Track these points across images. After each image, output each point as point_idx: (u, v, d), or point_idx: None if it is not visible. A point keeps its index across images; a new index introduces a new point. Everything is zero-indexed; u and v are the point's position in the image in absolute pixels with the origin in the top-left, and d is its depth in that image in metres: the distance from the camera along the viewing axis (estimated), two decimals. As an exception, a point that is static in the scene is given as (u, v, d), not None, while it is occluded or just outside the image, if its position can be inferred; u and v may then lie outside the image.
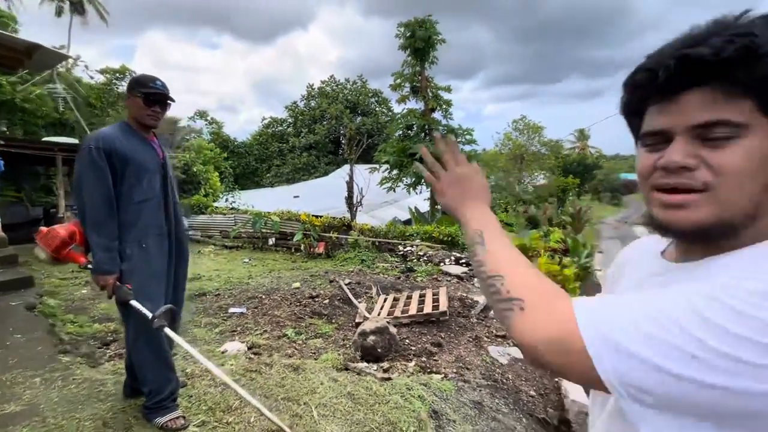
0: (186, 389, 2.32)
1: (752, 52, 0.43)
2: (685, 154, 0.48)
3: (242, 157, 33.93)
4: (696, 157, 0.47)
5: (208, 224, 11.66)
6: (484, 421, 2.40)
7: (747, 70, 0.44)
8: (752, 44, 0.43)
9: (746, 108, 0.45)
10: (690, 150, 0.48)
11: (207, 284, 5.80)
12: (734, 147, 0.46)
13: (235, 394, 2.12)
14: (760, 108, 0.45)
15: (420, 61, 13.20)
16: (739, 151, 0.45)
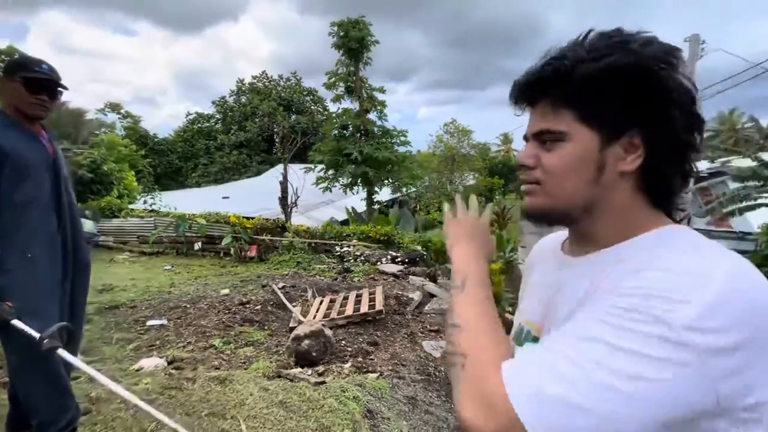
0: (90, 416, 2.05)
1: (560, 73, 0.52)
2: (527, 156, 0.58)
3: (164, 155, 31.10)
4: (534, 158, 0.57)
5: (123, 229, 10.50)
6: (418, 415, 2.47)
7: (559, 87, 0.53)
8: (561, 66, 0.52)
9: (567, 118, 0.54)
10: (533, 152, 0.58)
11: (120, 295, 5.21)
12: (557, 150, 0.55)
13: (150, 417, 1.92)
14: (579, 117, 0.53)
15: (354, 61, 13.21)
16: (559, 154, 0.54)
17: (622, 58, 0.50)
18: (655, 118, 0.51)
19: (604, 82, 0.51)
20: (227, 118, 33.63)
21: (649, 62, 0.50)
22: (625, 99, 0.51)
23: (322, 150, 13.61)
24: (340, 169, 13.49)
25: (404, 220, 12.72)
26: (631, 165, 0.53)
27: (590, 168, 0.53)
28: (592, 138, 0.53)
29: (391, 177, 13.92)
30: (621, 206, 0.55)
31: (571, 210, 0.56)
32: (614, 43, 0.51)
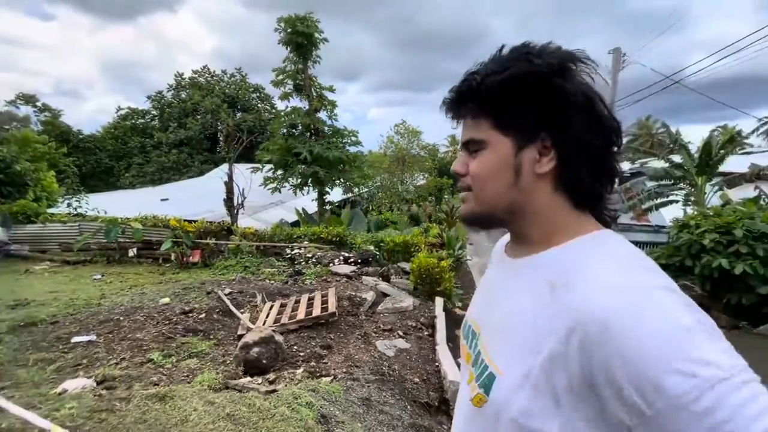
0: (0, 451, 1.79)
1: (473, 87, 0.57)
2: (459, 164, 0.63)
3: (91, 153, 28.30)
4: (464, 165, 0.61)
5: (41, 236, 9.41)
6: (372, 415, 2.46)
7: (473, 99, 0.58)
8: (473, 81, 0.57)
9: (485, 126, 0.58)
10: (463, 160, 0.62)
11: (38, 310, 4.64)
12: (479, 157, 0.59)
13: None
14: (494, 125, 0.57)
15: (302, 59, 12.91)
16: (480, 160, 0.59)
17: (520, 67, 0.54)
18: (558, 122, 0.54)
19: (508, 91, 0.55)
20: (165, 114, 31.36)
21: (543, 69, 0.54)
22: (530, 105, 0.55)
23: (270, 149, 13.14)
24: (289, 169, 13.11)
25: (356, 220, 12.69)
26: (545, 167, 0.56)
27: (508, 172, 0.57)
28: (507, 144, 0.57)
29: (342, 177, 13.80)
30: (543, 207, 0.58)
31: (495, 213, 0.60)
32: (516, 55, 0.56)
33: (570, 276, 0.52)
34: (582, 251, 0.55)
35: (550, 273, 0.55)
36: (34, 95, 28.08)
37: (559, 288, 0.52)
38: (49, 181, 11.97)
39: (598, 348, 0.45)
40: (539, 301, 0.54)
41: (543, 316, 0.52)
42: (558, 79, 0.53)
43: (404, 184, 20.91)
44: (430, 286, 5.49)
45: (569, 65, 0.54)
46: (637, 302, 0.45)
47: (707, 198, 10.21)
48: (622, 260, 0.52)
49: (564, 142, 0.55)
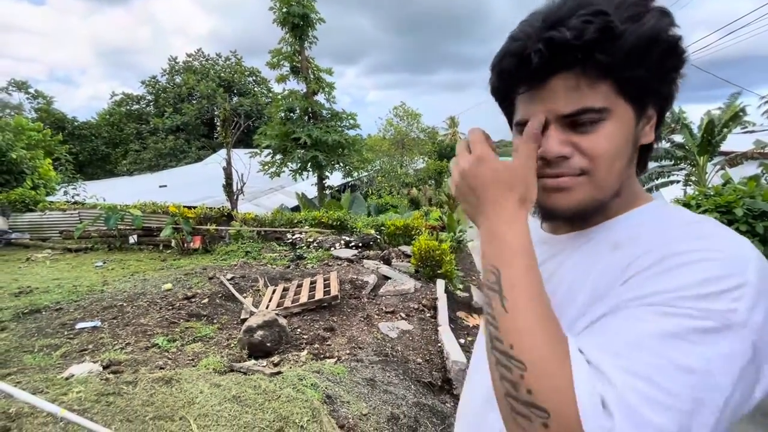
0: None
1: (610, 32, 0.43)
2: (560, 143, 0.48)
3: (87, 141, 28.03)
4: (569, 145, 0.48)
5: (41, 224, 9.40)
6: (377, 395, 2.49)
7: (606, 52, 0.44)
8: (610, 23, 0.43)
9: (606, 91, 0.46)
10: (563, 137, 0.48)
11: (42, 298, 4.66)
12: (600, 131, 0.47)
13: (83, 427, 1.74)
14: (617, 90, 0.46)
15: (299, 40, 12.63)
16: (604, 135, 0.47)
17: (659, 20, 0.45)
18: (670, 83, 0.48)
19: (647, 48, 0.44)
20: (160, 99, 30.93)
21: (674, 24, 0.46)
22: (658, 66, 0.46)
23: (268, 134, 13.00)
24: (288, 153, 13.02)
25: (356, 204, 12.67)
26: (650, 136, 0.50)
27: (631, 147, 0.49)
28: (630, 112, 0.48)
29: (341, 161, 13.71)
30: (629, 181, 0.52)
31: (608, 197, 0.50)
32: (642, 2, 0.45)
33: (635, 233, 0.48)
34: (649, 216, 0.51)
35: (612, 236, 0.51)
36: (26, 82, 27.62)
37: (623, 245, 0.48)
38: (46, 168, 11.87)
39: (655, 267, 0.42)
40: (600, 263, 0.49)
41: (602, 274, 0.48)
42: (675, 28, 0.46)
43: (404, 168, 20.81)
44: (431, 269, 5.51)
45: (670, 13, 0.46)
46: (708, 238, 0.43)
47: (708, 177, 10.17)
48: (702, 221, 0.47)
49: (664, 105, 0.49)
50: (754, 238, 5.83)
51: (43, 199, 10.26)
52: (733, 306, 0.39)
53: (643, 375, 0.38)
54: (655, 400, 0.37)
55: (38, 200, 10.00)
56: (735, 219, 6.11)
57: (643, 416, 0.37)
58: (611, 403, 0.38)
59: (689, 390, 0.37)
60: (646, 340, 0.39)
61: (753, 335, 0.39)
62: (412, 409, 2.41)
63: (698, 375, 0.37)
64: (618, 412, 0.37)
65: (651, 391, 0.37)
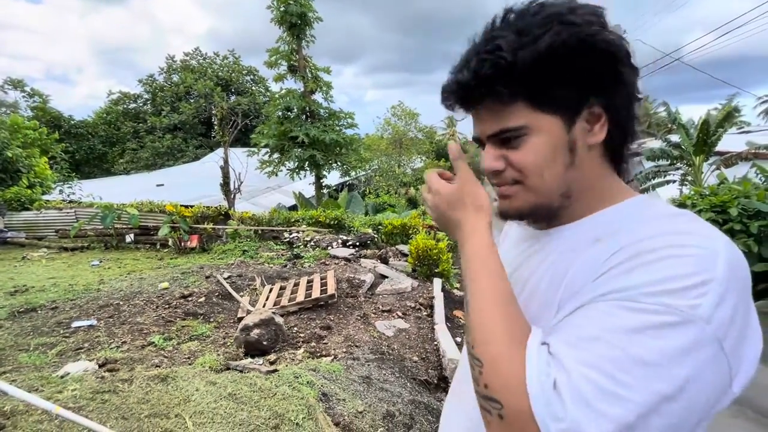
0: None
1: (501, 66, 0.48)
2: (492, 159, 0.54)
3: (84, 140, 27.86)
4: (501, 159, 0.54)
5: (37, 222, 9.36)
6: (373, 393, 2.50)
7: (503, 82, 0.49)
8: (500, 59, 0.48)
9: (521, 110, 0.50)
10: (497, 153, 0.54)
11: (38, 296, 4.65)
12: (525, 146, 0.51)
13: (78, 425, 1.74)
14: (532, 107, 0.50)
15: (296, 38, 12.61)
16: (528, 149, 0.51)
17: (559, 34, 0.47)
18: (609, 82, 0.50)
19: (549, 64, 0.47)
20: (157, 98, 30.77)
21: (586, 30, 0.47)
22: (575, 73, 0.48)
23: (265, 133, 12.98)
24: (285, 152, 13.00)
25: (354, 203, 12.67)
26: (600, 135, 0.51)
27: (564, 153, 0.51)
28: (556, 123, 0.50)
29: (339, 160, 13.70)
30: (594, 179, 0.54)
31: (553, 201, 0.54)
32: (544, 20, 0.48)
33: (616, 228, 0.49)
34: (628, 212, 0.52)
35: (592, 232, 0.52)
36: (22, 80, 27.41)
37: (604, 239, 0.49)
38: (42, 167, 11.80)
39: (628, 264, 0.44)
40: (579, 256, 0.50)
41: (581, 266, 0.49)
42: (602, 34, 0.48)
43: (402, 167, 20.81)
44: (428, 268, 5.53)
45: (603, 17, 0.49)
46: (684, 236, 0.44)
47: (704, 177, 10.22)
48: (679, 214, 0.48)
49: (616, 104, 0.50)
50: (749, 237, 5.86)
51: (39, 198, 10.20)
52: (697, 302, 0.39)
53: (598, 366, 0.39)
54: (608, 391, 0.38)
55: (34, 199, 9.95)
56: (730, 218, 6.15)
57: (596, 406, 0.38)
58: (565, 394, 0.39)
59: (643, 382, 0.38)
60: (606, 333, 0.41)
61: (718, 331, 0.39)
62: (407, 407, 2.42)
63: (653, 368, 0.38)
64: (571, 402, 0.39)
65: (605, 383, 0.39)
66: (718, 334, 0.39)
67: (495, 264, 0.51)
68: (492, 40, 0.49)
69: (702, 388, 0.39)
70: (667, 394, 0.38)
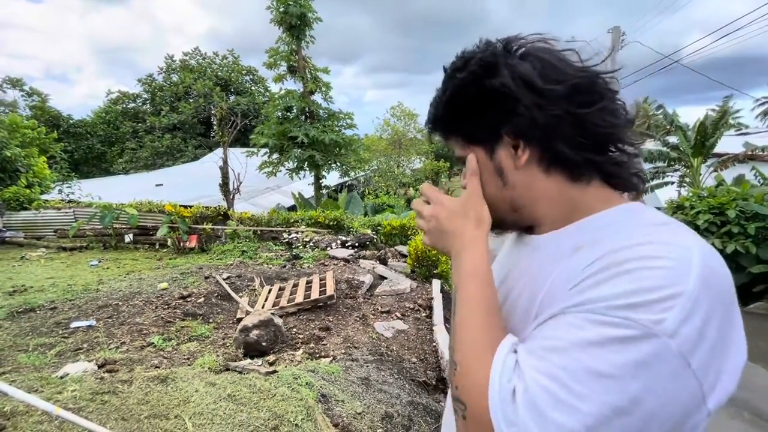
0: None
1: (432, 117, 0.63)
2: (462, 178, 0.64)
3: (83, 139, 27.84)
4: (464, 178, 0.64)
5: (35, 222, 9.35)
6: (372, 394, 2.51)
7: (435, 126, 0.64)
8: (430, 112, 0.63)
9: (458, 143, 0.62)
10: (464, 173, 0.64)
11: (36, 296, 4.65)
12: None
13: (78, 426, 1.75)
14: (463, 141, 0.61)
15: (296, 39, 12.62)
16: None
17: (452, 85, 0.58)
18: (508, 115, 0.54)
19: (454, 110, 0.59)
20: (156, 98, 30.77)
21: (470, 77, 0.56)
22: (478, 113, 0.57)
23: (265, 133, 12.98)
24: (285, 153, 13.00)
25: (353, 204, 12.67)
26: (523, 157, 0.55)
27: (492, 176, 0.59)
28: (481, 152, 0.59)
29: (338, 161, 13.70)
30: (544, 192, 0.56)
31: (501, 214, 0.61)
32: (447, 76, 0.60)
33: (597, 237, 0.50)
34: (611, 221, 0.52)
35: (574, 240, 0.53)
36: (20, 79, 27.36)
37: (584, 248, 0.50)
38: (41, 167, 11.78)
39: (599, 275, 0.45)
40: (560, 266, 0.51)
41: (560, 274, 0.51)
42: (487, 80, 0.55)
43: (401, 168, 20.82)
44: (427, 269, 5.54)
45: (493, 62, 0.55)
46: (660, 247, 0.44)
47: (702, 179, 10.25)
48: (663, 224, 0.49)
49: (524, 129, 0.54)
50: (747, 239, 5.90)
51: (37, 198, 10.19)
52: (661, 316, 0.39)
53: (554, 376, 0.41)
54: (561, 401, 0.40)
55: (33, 198, 9.93)
56: (728, 220, 6.18)
57: (547, 414, 0.40)
58: (519, 400, 0.42)
59: (596, 394, 0.39)
60: (568, 344, 0.42)
61: (683, 346, 0.39)
62: (406, 408, 2.43)
63: (607, 380, 0.39)
64: (524, 408, 0.42)
65: (559, 392, 0.40)
66: (683, 349, 0.39)
67: (486, 274, 0.56)
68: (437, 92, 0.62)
69: (662, 403, 0.39)
70: (619, 407, 0.39)
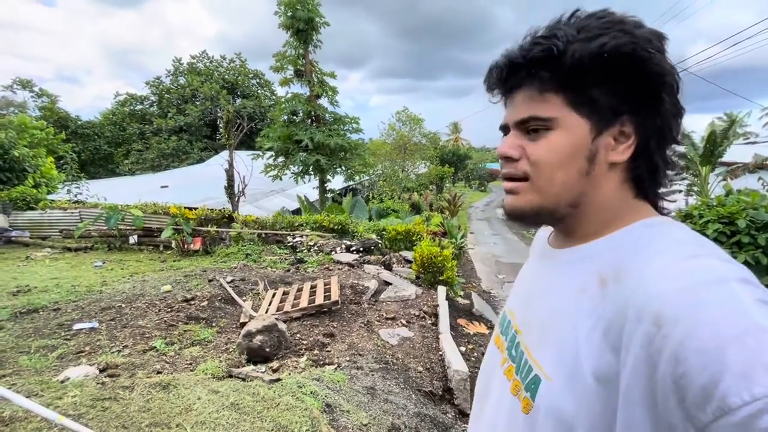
0: (3, 439, 1.78)
1: (552, 54, 0.48)
2: (510, 146, 0.53)
3: (90, 140, 28.06)
4: (519, 148, 0.52)
5: (41, 222, 9.38)
6: (377, 404, 2.45)
7: (548, 68, 0.49)
8: (553, 45, 0.48)
9: (557, 103, 0.50)
10: (516, 142, 0.53)
11: (40, 297, 4.63)
12: (545, 140, 0.50)
13: (79, 434, 1.70)
14: (569, 102, 0.49)
15: (303, 43, 12.68)
16: (548, 144, 0.50)
17: (616, 39, 0.46)
18: (648, 105, 0.48)
19: (598, 65, 0.47)
20: (163, 100, 31.03)
21: (644, 45, 0.47)
22: (619, 84, 0.48)
23: (270, 136, 13.01)
24: (290, 156, 13.01)
25: (358, 208, 12.64)
26: (623, 155, 0.50)
27: (581, 159, 0.50)
28: (583, 126, 0.49)
29: (343, 165, 13.70)
30: (608, 199, 0.52)
31: (558, 207, 0.52)
32: (606, 23, 0.48)
33: (620, 266, 0.46)
34: (634, 238, 0.49)
35: (598, 264, 0.50)
36: (30, 80, 27.68)
37: (609, 282, 0.46)
38: (48, 167, 11.86)
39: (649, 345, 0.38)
40: (585, 299, 0.48)
41: (589, 315, 0.47)
42: (657, 56, 0.47)
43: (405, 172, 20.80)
44: (432, 275, 5.48)
45: (663, 42, 0.48)
46: (701, 291, 0.37)
47: (711, 188, 10.14)
48: (683, 244, 0.45)
49: (648, 128, 0.49)
50: (758, 249, 5.79)
51: (44, 198, 10.24)
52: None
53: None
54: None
55: (39, 198, 9.98)
56: (738, 230, 6.08)
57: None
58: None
59: None
60: None
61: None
62: (412, 420, 2.37)
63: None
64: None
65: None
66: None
67: None
68: (552, 29, 0.50)
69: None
70: None
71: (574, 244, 0.55)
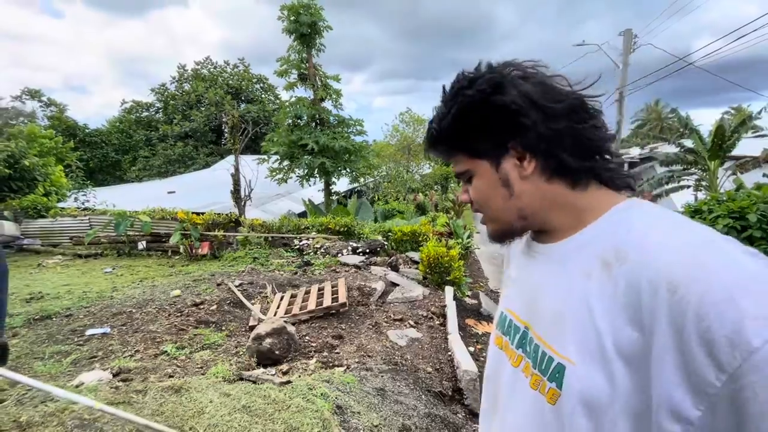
0: (21, 444, 1.81)
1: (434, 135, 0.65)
2: (463, 194, 0.69)
3: (98, 148, 28.40)
4: (467, 193, 0.68)
5: (52, 230, 9.51)
6: (388, 405, 2.45)
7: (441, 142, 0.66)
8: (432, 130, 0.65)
9: (462, 159, 0.65)
10: (464, 188, 0.69)
11: (52, 304, 4.70)
12: (473, 185, 0.66)
13: (95, 437, 1.73)
14: (468, 156, 0.64)
15: (306, 48, 12.75)
16: (474, 188, 0.65)
17: (460, 102, 0.60)
18: (515, 129, 0.58)
19: (460, 126, 0.61)
20: (169, 107, 31.30)
21: (479, 95, 0.58)
22: (485, 128, 0.60)
23: (275, 140, 13.08)
24: (295, 160, 13.08)
25: (363, 210, 12.66)
26: (529, 168, 0.60)
27: (499, 188, 0.62)
28: (486, 165, 0.62)
29: (348, 167, 13.74)
30: (548, 198, 0.60)
31: (513, 224, 0.64)
32: (452, 94, 0.62)
33: (619, 247, 0.52)
34: (617, 221, 0.56)
35: (596, 249, 0.55)
36: (39, 90, 28.09)
37: (613, 263, 0.51)
38: (58, 175, 12.04)
39: (670, 311, 0.43)
40: (593, 282, 0.53)
41: (600, 295, 0.51)
42: (495, 97, 0.58)
43: (410, 173, 20.79)
44: (439, 276, 5.47)
45: (499, 81, 0.58)
46: (699, 253, 0.45)
47: (720, 182, 10.00)
48: (663, 218, 0.53)
49: (532, 142, 0.58)
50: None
51: (54, 206, 10.39)
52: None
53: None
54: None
55: (50, 206, 10.13)
56: (749, 225, 5.99)
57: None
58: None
59: None
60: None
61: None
62: (423, 420, 2.37)
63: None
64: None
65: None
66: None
67: None
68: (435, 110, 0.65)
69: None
70: None
71: (560, 239, 0.62)
